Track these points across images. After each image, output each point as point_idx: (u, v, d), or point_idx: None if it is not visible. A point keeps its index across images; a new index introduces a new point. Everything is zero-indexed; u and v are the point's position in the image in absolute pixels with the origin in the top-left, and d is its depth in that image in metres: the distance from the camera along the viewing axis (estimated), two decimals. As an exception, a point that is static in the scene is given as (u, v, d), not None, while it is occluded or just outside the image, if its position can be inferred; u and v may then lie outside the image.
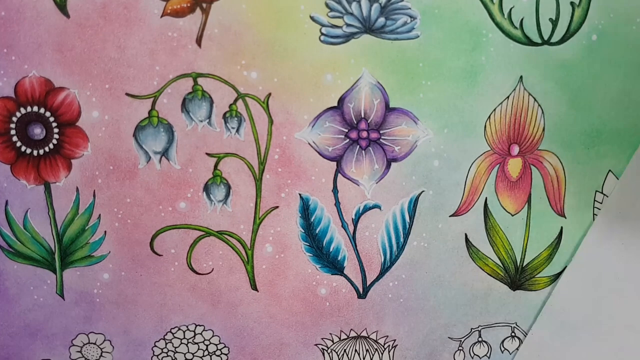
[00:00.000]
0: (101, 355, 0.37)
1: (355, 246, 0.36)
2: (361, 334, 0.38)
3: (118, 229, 0.35)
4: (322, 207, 0.36)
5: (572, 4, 0.35)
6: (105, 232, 0.35)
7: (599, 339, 0.39)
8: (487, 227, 0.37)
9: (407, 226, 0.36)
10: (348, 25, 0.34)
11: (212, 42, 0.33)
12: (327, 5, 0.33)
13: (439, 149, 0.36)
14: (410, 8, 0.34)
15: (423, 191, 0.36)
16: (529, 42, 0.35)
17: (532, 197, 0.37)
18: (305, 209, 0.35)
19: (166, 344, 0.37)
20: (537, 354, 0.40)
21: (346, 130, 0.35)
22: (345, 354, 0.38)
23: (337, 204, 0.36)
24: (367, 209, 0.36)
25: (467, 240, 0.37)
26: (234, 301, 0.36)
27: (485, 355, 0.40)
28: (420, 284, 0.37)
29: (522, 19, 0.35)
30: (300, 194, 0.35)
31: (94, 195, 0.34)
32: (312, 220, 0.36)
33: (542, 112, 0.36)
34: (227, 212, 0.35)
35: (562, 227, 0.38)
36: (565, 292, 0.39)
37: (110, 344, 0.37)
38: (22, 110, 0.33)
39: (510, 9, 0.35)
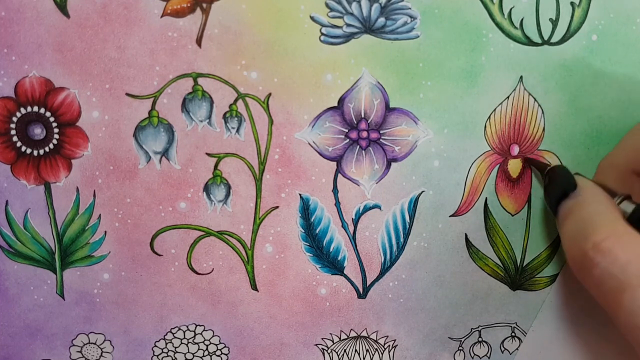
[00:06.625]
0: (101, 355, 0.37)
1: (355, 246, 0.36)
2: (361, 334, 0.38)
3: (118, 229, 0.35)
4: (322, 207, 0.36)
5: (572, 4, 0.35)
6: (105, 232, 0.35)
7: (598, 336, 0.39)
8: (487, 227, 0.37)
9: (407, 226, 0.36)
10: (348, 25, 0.34)
11: (212, 42, 0.33)
12: (327, 5, 0.33)
13: (439, 149, 0.36)
14: (410, 8, 0.34)
15: (423, 191, 0.36)
16: (529, 42, 0.35)
17: (532, 197, 0.37)
18: (305, 209, 0.35)
19: (166, 344, 0.37)
20: (537, 351, 0.40)
21: (346, 130, 0.35)
22: (345, 354, 0.38)
23: (337, 204, 0.36)
24: (367, 209, 0.36)
25: (467, 240, 0.37)
26: (234, 301, 0.36)
27: (485, 355, 0.40)
28: (420, 284, 0.37)
29: (522, 19, 0.35)
30: (300, 194, 0.35)
31: (94, 195, 0.34)
32: (312, 220, 0.36)
33: (542, 112, 0.36)
34: (227, 212, 0.35)
35: (562, 227, 0.38)
36: (564, 289, 0.39)
37: (110, 344, 0.37)
38: (22, 110, 0.33)
39: (510, 9, 0.35)
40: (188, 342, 0.37)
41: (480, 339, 0.39)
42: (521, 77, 0.36)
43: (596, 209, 0.30)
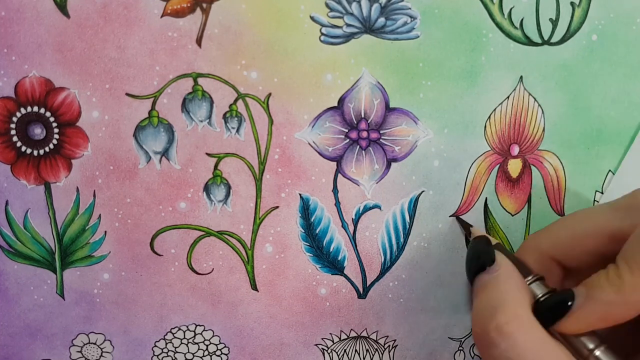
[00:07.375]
0: (101, 355, 0.37)
1: (356, 246, 0.36)
2: (361, 334, 0.38)
3: (118, 229, 0.35)
4: (322, 207, 0.36)
5: (572, 4, 0.35)
6: (105, 232, 0.35)
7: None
8: (487, 227, 0.37)
9: (407, 226, 0.36)
10: (348, 25, 0.34)
11: (212, 42, 0.33)
12: (327, 5, 0.33)
13: (439, 149, 0.36)
14: (410, 8, 0.34)
15: (423, 191, 0.36)
16: (529, 42, 0.35)
17: (532, 197, 0.37)
18: (305, 209, 0.35)
19: (166, 344, 0.37)
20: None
21: (346, 130, 0.35)
22: (345, 354, 0.38)
23: (337, 204, 0.36)
24: (367, 209, 0.36)
25: (467, 240, 0.37)
26: (234, 301, 0.36)
27: (485, 355, 0.40)
28: (420, 284, 0.37)
29: (522, 19, 0.35)
30: (300, 194, 0.35)
31: (94, 195, 0.34)
32: (312, 220, 0.36)
33: (542, 112, 0.36)
34: (227, 212, 0.35)
35: (562, 227, 0.38)
36: None
37: (110, 344, 0.37)
38: (22, 110, 0.33)
39: (510, 9, 0.35)
40: (188, 342, 0.37)
41: (480, 339, 0.39)
42: (521, 77, 0.36)
43: (506, 289, 0.31)
